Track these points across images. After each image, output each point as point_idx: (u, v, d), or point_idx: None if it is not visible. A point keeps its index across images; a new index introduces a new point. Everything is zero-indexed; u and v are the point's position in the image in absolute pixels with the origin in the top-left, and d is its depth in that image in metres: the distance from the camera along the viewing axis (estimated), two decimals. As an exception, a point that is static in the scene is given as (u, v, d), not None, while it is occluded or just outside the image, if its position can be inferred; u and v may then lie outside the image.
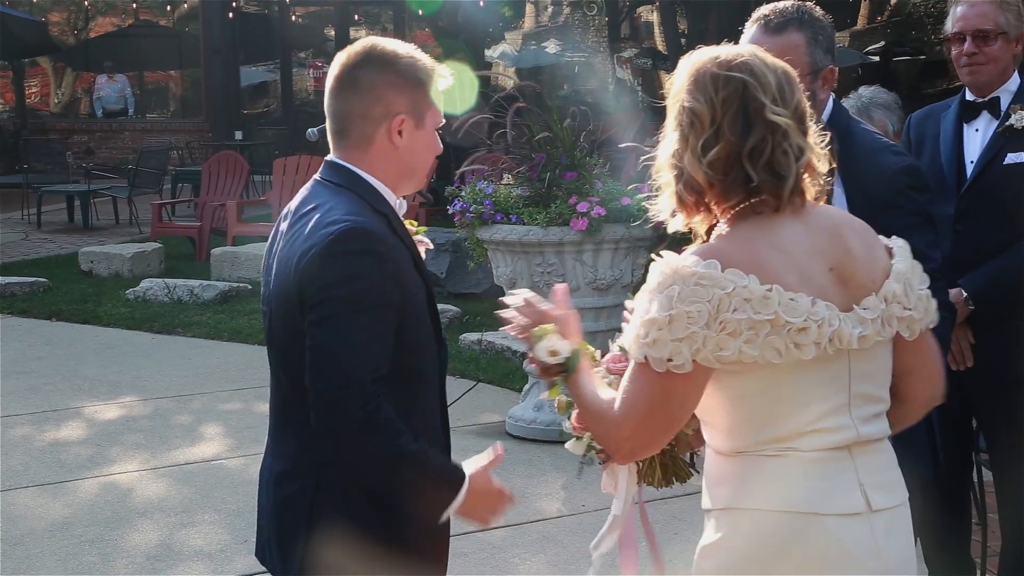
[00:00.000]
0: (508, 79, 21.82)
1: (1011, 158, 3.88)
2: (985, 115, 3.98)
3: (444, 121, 2.81)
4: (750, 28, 3.25)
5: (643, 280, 2.34)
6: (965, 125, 4.02)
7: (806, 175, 2.32)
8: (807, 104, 2.34)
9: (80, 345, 9.47)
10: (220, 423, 7.37)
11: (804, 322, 2.20)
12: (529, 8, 27.39)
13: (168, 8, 25.91)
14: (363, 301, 2.52)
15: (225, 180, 14.34)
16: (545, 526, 5.55)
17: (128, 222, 15.83)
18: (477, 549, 5.39)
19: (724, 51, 2.31)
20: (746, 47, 2.36)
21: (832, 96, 3.30)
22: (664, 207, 2.39)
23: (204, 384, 8.26)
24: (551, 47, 25.96)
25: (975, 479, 4.37)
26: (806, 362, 2.23)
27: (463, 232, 7.14)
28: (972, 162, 3.96)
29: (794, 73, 2.34)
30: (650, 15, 24.47)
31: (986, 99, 3.99)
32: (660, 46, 22.26)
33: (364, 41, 2.75)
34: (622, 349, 2.54)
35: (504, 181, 7.03)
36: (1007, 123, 3.91)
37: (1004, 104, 3.96)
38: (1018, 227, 3.87)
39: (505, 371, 8.19)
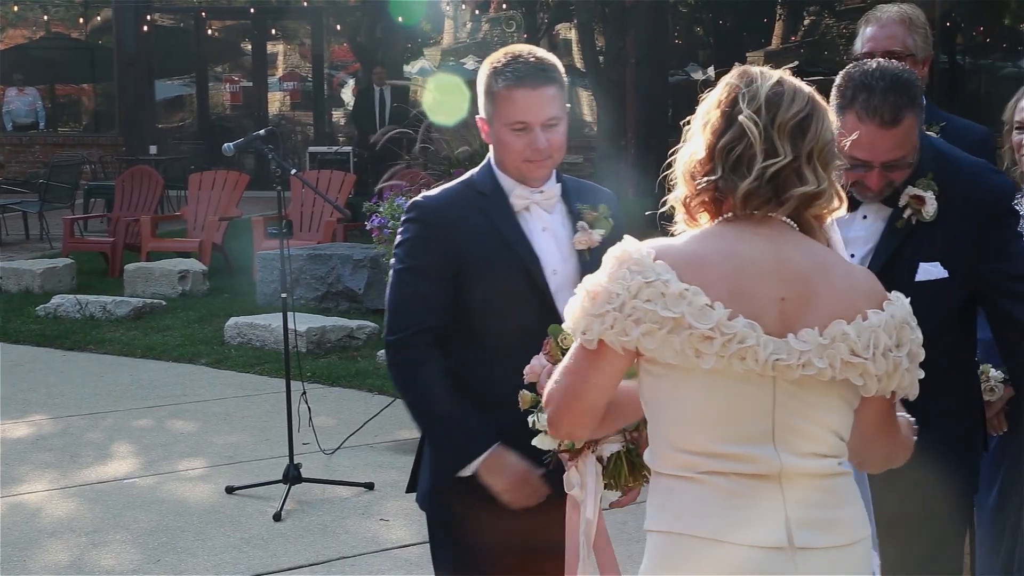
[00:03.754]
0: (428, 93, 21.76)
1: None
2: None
3: (520, 121, 3.04)
4: (859, 117, 3.00)
5: None
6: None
7: (810, 210, 2.29)
8: (832, 145, 2.30)
9: (-12, 362, 9.28)
10: (132, 441, 7.26)
11: (710, 331, 2.18)
12: (448, 24, 27.41)
13: (80, 20, 25.52)
14: (406, 260, 3.06)
15: (139, 195, 14.16)
16: (463, 542, 5.54)
17: (39, 237, 15.55)
18: (394, 566, 5.36)
19: (746, 69, 2.36)
20: (781, 73, 2.34)
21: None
22: (679, 219, 2.40)
23: (117, 402, 8.13)
24: (470, 63, 25.97)
25: None
26: (720, 378, 2.20)
27: (381, 248, 7.11)
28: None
29: (808, 92, 2.31)
30: (568, 32, 24.61)
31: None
32: (578, 63, 22.40)
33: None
34: None
35: (422, 197, 7.01)
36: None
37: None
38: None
39: (423, 387, 8.15)
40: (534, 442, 2.64)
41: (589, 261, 3.02)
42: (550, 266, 3.08)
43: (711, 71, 23.36)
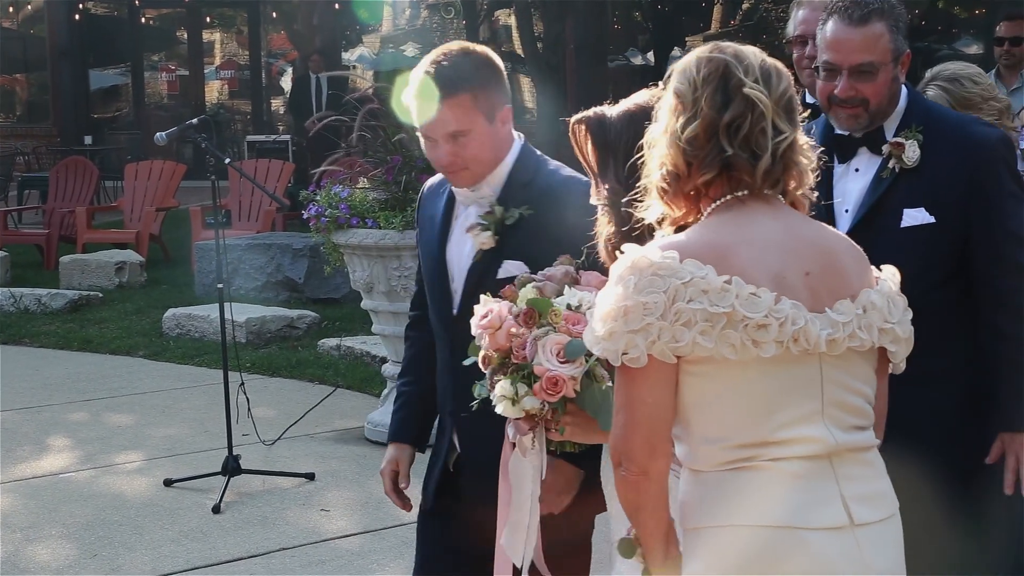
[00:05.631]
0: (366, 82, 21.67)
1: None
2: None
3: (424, 133, 3.06)
4: (828, 19, 3.20)
5: None
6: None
7: (793, 181, 2.26)
8: (799, 101, 2.29)
9: (-80, 358, 9.12)
10: (68, 435, 7.16)
11: (764, 318, 2.13)
12: (387, 11, 27.26)
13: (11, 9, 25.09)
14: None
15: (74, 186, 13.98)
16: (404, 531, 5.51)
17: (-28, 230, 15.31)
18: (335, 556, 5.33)
19: (710, 44, 2.29)
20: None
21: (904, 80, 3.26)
22: (651, 208, 2.30)
23: (52, 395, 8.01)
24: (409, 50, 25.86)
25: None
26: (771, 364, 2.16)
27: (319, 237, 7.06)
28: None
29: (785, 70, 2.30)
30: (508, 18, 24.56)
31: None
32: (518, 49, 22.37)
33: None
34: (570, 307, 2.49)
35: (360, 184, 6.96)
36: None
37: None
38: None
39: (364, 376, 8.12)
40: (499, 410, 2.52)
41: (479, 262, 3.03)
42: (457, 265, 3.11)
43: (651, 56, 23.46)
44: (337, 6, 19.08)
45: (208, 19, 24.29)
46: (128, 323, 9.96)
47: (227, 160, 6.71)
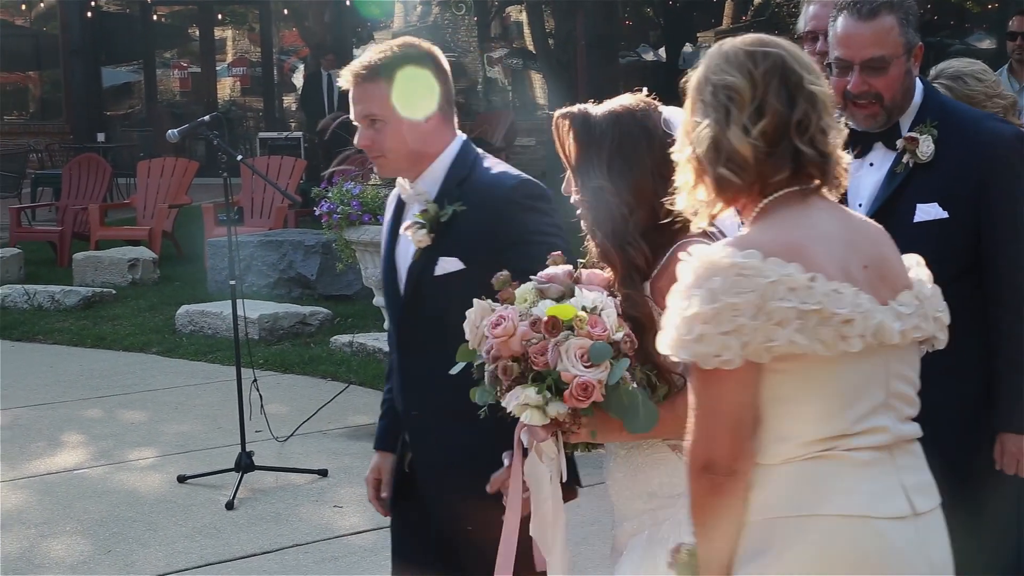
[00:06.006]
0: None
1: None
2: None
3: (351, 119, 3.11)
4: (838, 16, 3.21)
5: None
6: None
7: (841, 176, 2.26)
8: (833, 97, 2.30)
9: (-65, 355, 9.17)
10: (83, 432, 7.19)
11: (850, 313, 2.12)
12: (398, 8, 27.27)
13: (24, 7, 25.16)
14: None
15: (87, 183, 14.01)
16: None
17: (-15, 227, 15.38)
18: (347, 552, 5.35)
19: (749, 36, 2.26)
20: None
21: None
22: (687, 203, 2.28)
23: (66, 392, 8.05)
24: (421, 47, 25.84)
25: None
26: (851, 359, 2.15)
27: (331, 234, 7.08)
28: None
29: (817, 66, 2.30)
30: (519, 15, 24.56)
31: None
32: (529, 46, 22.37)
33: None
34: (585, 310, 2.44)
35: (372, 181, 6.98)
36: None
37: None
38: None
39: (376, 372, 8.12)
40: (524, 418, 2.45)
41: (417, 260, 3.06)
42: (403, 265, 3.14)
43: (662, 52, 23.42)
44: (348, 3, 19.10)
45: (220, 16, 24.33)
46: (141, 320, 10.00)
47: (239, 157, 6.73)
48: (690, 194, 2.28)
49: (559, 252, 2.59)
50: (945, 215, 3.15)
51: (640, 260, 2.52)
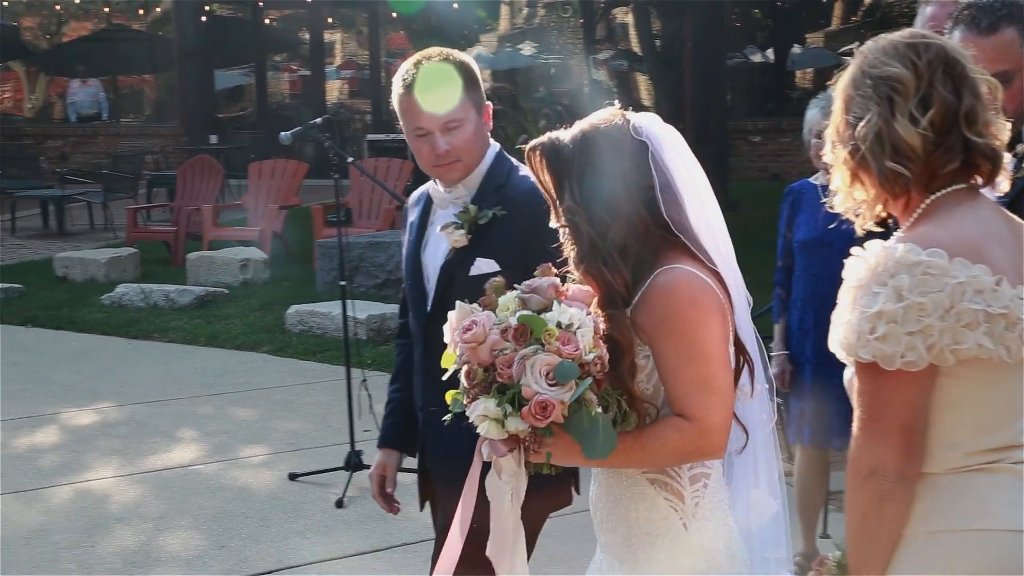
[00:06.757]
0: (483, 82, 21.82)
1: None
2: None
3: (419, 127, 3.13)
4: (954, 29, 3.14)
5: None
6: None
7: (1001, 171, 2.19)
8: None
9: (55, 351, 9.42)
10: (196, 429, 7.34)
11: None
12: (504, 10, 27.39)
13: (141, 12, 25.80)
14: None
15: (200, 184, 14.29)
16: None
17: (103, 227, 15.76)
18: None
19: (904, 31, 2.21)
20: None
21: None
22: (845, 204, 2.21)
23: (180, 389, 8.22)
24: (526, 49, 25.99)
25: None
26: (1020, 366, 2.07)
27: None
28: None
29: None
30: (625, 16, 24.50)
31: None
32: (635, 48, 22.29)
33: None
34: (560, 326, 2.32)
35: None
36: None
37: None
38: None
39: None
40: (482, 430, 2.37)
41: (452, 259, 3.12)
42: (432, 265, 3.21)
43: (770, 53, 23.18)
44: (455, 6, 19.23)
45: (329, 20, 24.68)
46: (252, 319, 10.17)
47: (350, 159, 6.81)
48: (847, 195, 2.21)
49: (549, 264, 2.52)
50: None
51: (619, 280, 2.44)
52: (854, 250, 2.13)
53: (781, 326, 5.00)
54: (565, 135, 2.56)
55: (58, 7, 26.10)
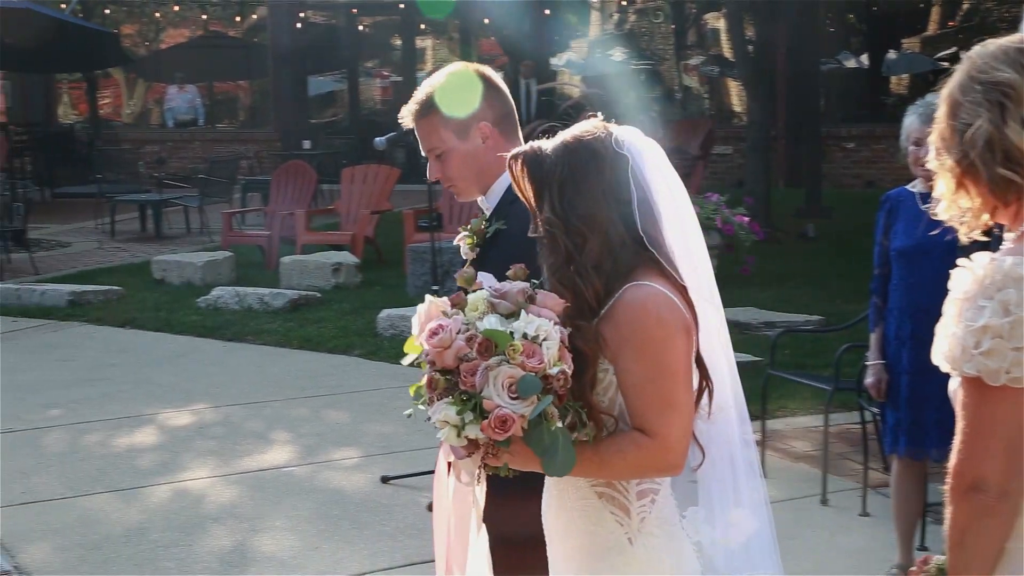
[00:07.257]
0: (574, 88, 21.83)
1: None
2: None
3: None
4: None
5: None
6: None
7: None
8: None
9: (153, 352, 9.61)
10: (290, 431, 7.44)
11: None
12: (595, 16, 27.38)
13: (237, 19, 26.22)
14: None
15: (294, 189, 14.48)
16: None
17: (199, 231, 16.04)
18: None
19: (1013, 36, 2.17)
20: None
21: None
22: (950, 212, 2.18)
23: (274, 392, 8.34)
24: (617, 55, 25.94)
25: None
26: None
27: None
28: None
29: None
30: (717, 22, 24.36)
31: None
32: (727, 53, 22.14)
33: None
34: (527, 337, 2.33)
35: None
36: None
37: None
38: None
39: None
40: (440, 436, 2.38)
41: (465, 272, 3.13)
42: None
43: (864, 59, 22.88)
44: (547, 12, 19.27)
45: (421, 25, 24.86)
46: (344, 323, 10.28)
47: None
48: (952, 202, 2.18)
49: (522, 265, 2.51)
50: None
51: (590, 292, 2.44)
52: (961, 261, 2.11)
53: (877, 335, 4.95)
54: (548, 145, 2.57)
55: (157, 15, 26.63)
